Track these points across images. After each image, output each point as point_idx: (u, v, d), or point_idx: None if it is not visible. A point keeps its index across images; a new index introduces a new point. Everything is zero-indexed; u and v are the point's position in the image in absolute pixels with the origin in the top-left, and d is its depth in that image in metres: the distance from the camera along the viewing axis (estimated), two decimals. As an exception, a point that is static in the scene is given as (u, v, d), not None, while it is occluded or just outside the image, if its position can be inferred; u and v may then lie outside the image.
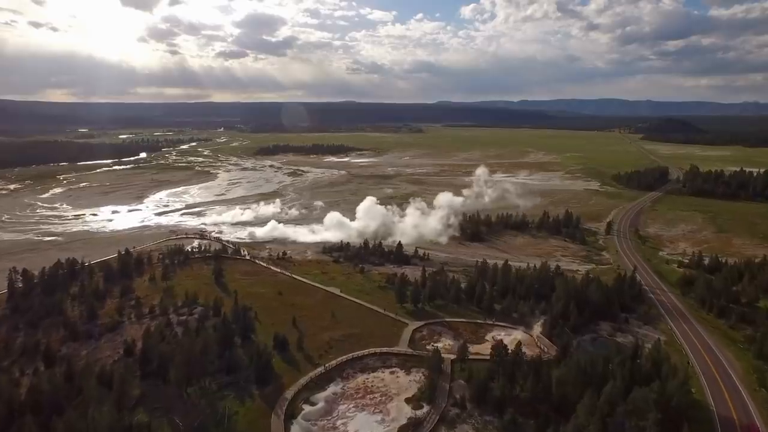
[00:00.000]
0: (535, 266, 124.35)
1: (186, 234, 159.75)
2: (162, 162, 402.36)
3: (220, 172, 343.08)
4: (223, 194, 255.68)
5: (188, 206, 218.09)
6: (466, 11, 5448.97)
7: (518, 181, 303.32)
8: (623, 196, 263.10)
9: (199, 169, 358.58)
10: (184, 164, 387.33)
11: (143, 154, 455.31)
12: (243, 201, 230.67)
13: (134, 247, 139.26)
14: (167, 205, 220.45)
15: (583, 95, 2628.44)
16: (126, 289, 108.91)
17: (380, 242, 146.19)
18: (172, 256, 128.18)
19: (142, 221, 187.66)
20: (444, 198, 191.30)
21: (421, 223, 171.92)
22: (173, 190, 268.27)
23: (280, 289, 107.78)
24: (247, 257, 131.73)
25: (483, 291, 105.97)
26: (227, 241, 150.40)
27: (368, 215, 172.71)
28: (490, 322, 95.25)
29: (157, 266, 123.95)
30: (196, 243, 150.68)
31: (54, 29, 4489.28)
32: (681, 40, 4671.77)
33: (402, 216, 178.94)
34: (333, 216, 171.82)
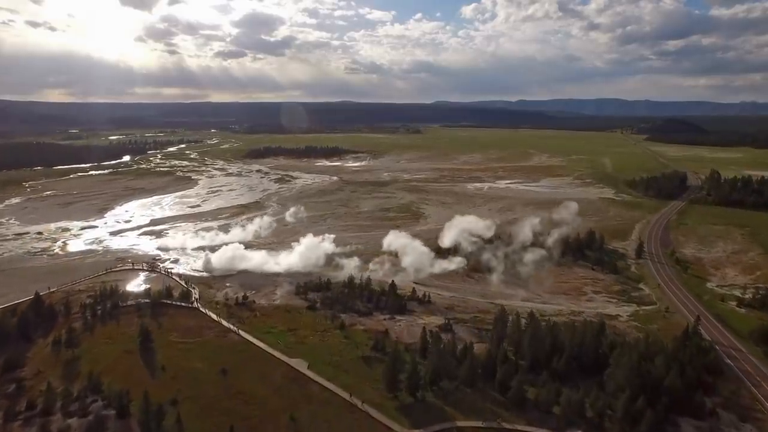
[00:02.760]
0: (574, 324, 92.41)
1: (133, 264, 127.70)
2: (143, 166, 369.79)
3: (202, 178, 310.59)
4: (198, 206, 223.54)
5: (153, 221, 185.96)
6: (467, 11, 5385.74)
7: (527, 189, 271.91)
8: (643, 206, 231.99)
9: (181, 174, 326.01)
10: (166, 169, 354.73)
11: (126, 157, 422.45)
12: (216, 215, 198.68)
13: (49, 290, 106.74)
14: (129, 221, 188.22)
15: (581, 95, 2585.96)
16: (12, 361, 77.12)
17: (369, 279, 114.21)
18: (98, 303, 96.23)
19: (91, 243, 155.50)
20: (571, 212, 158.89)
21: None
22: (145, 200, 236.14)
23: (225, 363, 75.83)
24: (195, 304, 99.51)
25: (507, 364, 74.34)
26: (180, 276, 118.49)
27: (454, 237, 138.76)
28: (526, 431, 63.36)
29: (75, 318, 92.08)
30: (141, 278, 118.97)
31: (52, 29, 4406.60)
32: (681, 39, 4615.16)
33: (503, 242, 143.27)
34: (410, 247, 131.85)
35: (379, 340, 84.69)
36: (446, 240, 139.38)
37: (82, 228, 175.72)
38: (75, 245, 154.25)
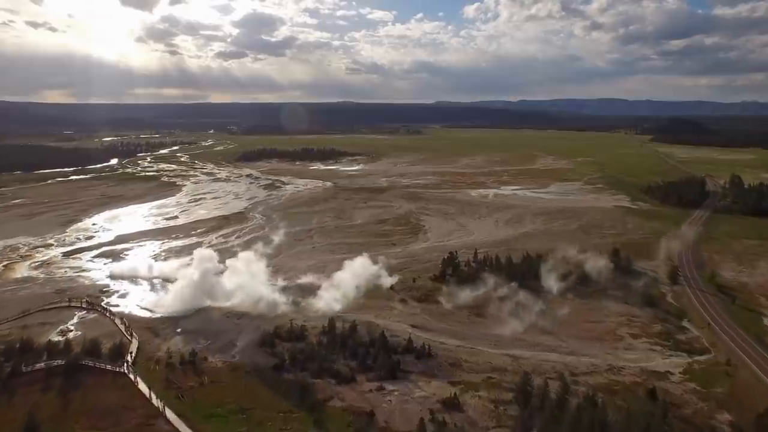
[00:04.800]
0: (621, 398, 67.85)
1: (69, 301, 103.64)
2: (128, 171, 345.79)
3: (187, 184, 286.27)
4: (175, 217, 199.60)
5: (118, 238, 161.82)
6: (470, 11, 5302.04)
7: (536, 196, 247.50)
8: (664, 216, 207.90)
9: (166, 180, 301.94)
10: (151, 173, 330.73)
11: (114, 161, 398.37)
12: (190, 230, 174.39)
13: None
14: (91, 237, 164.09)
15: (582, 95, 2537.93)
16: None
17: (354, 324, 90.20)
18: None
19: (36, 268, 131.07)
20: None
21: None
22: (118, 210, 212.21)
23: (137, 478, 51.99)
24: (125, 367, 75.37)
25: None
26: (122, 318, 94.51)
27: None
28: None
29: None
30: (75, 320, 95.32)
31: (52, 29, 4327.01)
32: (684, 39, 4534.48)
33: None
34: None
35: (361, 428, 60.86)
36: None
37: (35, 247, 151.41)
38: (17, 270, 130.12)
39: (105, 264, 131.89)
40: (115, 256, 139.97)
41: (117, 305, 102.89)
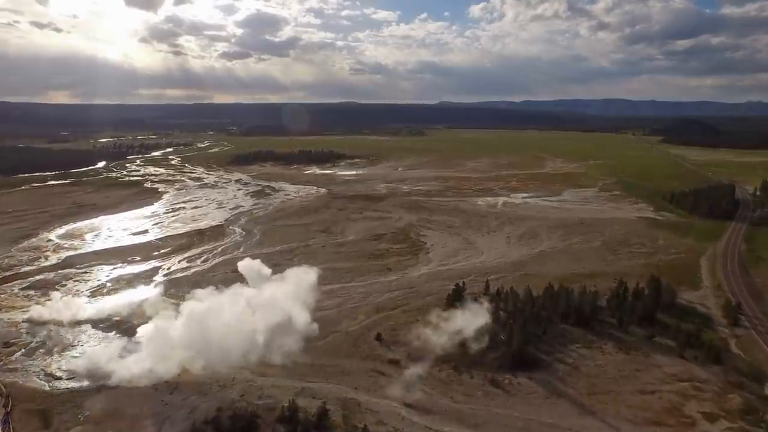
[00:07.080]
0: None
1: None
2: (112, 175, 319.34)
3: (170, 190, 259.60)
4: (144, 231, 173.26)
5: (65, 261, 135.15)
6: (475, 10, 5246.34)
7: (549, 204, 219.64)
8: (696, 229, 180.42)
9: (149, 185, 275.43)
10: (135, 178, 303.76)
11: (101, 164, 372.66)
12: (152, 250, 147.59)
13: None
14: (36, 259, 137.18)
15: (586, 95, 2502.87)
16: None
17: (325, 407, 63.32)
18: None
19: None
20: None
21: None
22: (84, 223, 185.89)
23: None
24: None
25: None
26: (9, 396, 67.98)
27: None
28: None
29: None
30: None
31: (57, 30, 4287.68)
32: (690, 39, 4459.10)
33: None
34: None
35: None
36: None
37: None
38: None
39: (30, 299, 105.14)
40: (50, 287, 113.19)
41: (15, 368, 76.15)
